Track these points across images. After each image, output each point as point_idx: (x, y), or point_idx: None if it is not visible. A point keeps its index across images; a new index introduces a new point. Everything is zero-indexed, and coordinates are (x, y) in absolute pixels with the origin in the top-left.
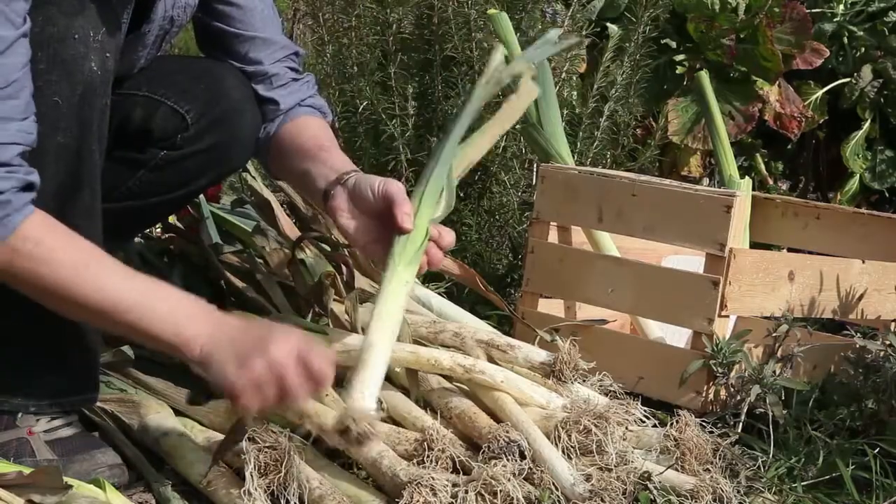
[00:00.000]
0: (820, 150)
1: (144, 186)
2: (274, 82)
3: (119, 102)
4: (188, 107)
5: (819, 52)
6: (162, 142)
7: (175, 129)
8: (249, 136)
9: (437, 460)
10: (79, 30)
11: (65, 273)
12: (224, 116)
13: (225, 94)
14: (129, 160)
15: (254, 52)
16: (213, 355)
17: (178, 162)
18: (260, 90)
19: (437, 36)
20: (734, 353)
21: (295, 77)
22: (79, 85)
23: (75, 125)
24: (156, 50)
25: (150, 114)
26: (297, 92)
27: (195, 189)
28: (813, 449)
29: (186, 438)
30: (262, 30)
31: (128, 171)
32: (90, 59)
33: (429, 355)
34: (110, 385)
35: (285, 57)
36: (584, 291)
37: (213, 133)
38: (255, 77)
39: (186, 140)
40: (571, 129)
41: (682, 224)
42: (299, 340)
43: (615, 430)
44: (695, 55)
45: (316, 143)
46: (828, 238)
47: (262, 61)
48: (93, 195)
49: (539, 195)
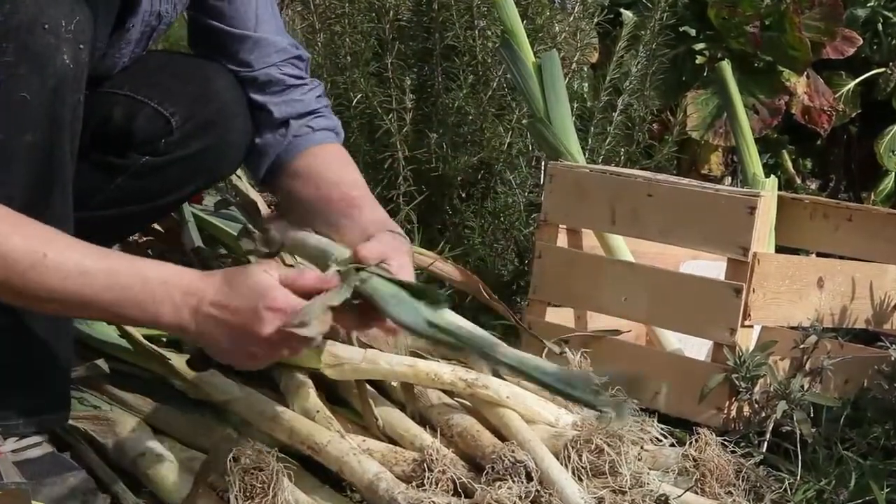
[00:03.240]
0: (852, 147)
1: (124, 194)
2: (266, 88)
3: (98, 101)
4: (173, 109)
5: (851, 39)
6: (144, 146)
7: (158, 132)
8: (240, 141)
9: (438, 482)
10: (50, 19)
11: (21, 265)
12: (212, 120)
13: (214, 96)
14: (108, 165)
15: (244, 52)
16: (202, 339)
17: (161, 168)
18: (251, 95)
19: (437, 23)
20: (758, 366)
21: (294, 83)
22: (50, 79)
23: (46, 123)
24: (141, 48)
25: (132, 115)
26: (295, 103)
27: (179, 198)
28: (844, 470)
29: (166, 458)
30: (254, 29)
31: (106, 176)
32: (62, 51)
33: (428, 369)
34: (83, 401)
35: (283, 61)
36: (596, 299)
37: (200, 138)
38: (245, 80)
39: (171, 145)
40: (582, 125)
41: (702, 227)
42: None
43: (629, 450)
44: (716, 44)
45: (341, 194)
46: (860, 241)
47: (251, 63)
48: (65, 199)
49: (547, 195)
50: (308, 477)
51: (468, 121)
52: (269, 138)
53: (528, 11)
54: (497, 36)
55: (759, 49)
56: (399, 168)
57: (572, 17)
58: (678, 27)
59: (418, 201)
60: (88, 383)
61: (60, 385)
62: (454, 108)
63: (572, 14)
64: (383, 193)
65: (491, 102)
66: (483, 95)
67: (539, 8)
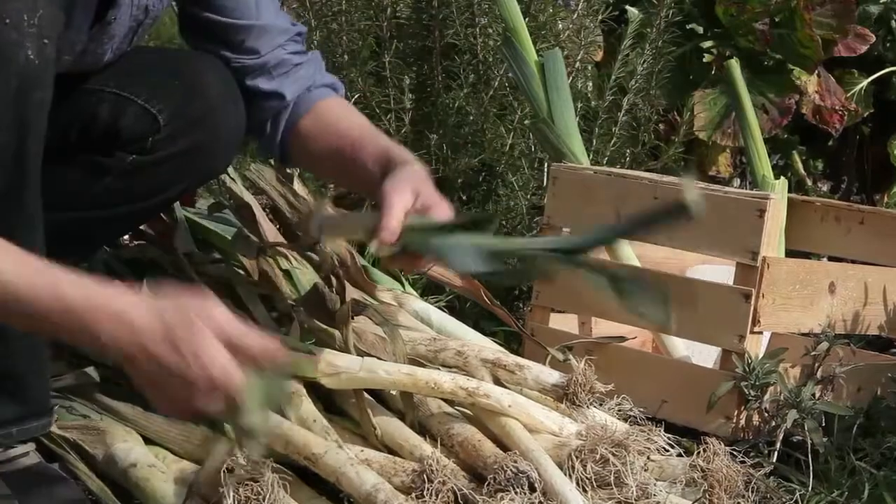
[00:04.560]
0: (864, 147)
1: (112, 194)
2: (275, 72)
3: (84, 99)
4: (160, 106)
5: (864, 37)
6: (131, 145)
7: (146, 130)
8: (232, 137)
9: (438, 493)
10: (11, 13)
11: None
12: (202, 116)
13: (203, 91)
14: (94, 165)
15: (251, 40)
16: (136, 375)
17: (149, 167)
18: (261, 84)
19: (437, 21)
20: (768, 373)
21: (298, 61)
22: (13, 77)
23: (11, 123)
24: (127, 44)
25: (118, 113)
26: (303, 79)
27: (170, 197)
28: (857, 481)
29: (157, 470)
30: (257, 16)
31: (92, 177)
32: (24, 46)
33: (427, 377)
34: (72, 411)
35: (287, 41)
36: (601, 305)
37: (189, 135)
38: (253, 70)
39: (159, 143)
40: (586, 125)
41: (710, 230)
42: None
43: (635, 460)
44: (724, 42)
45: (346, 140)
46: (873, 245)
47: (259, 50)
48: (34, 199)
49: (550, 198)
50: (305, 488)
51: (469, 121)
52: (281, 117)
53: (530, 8)
54: (498, 34)
55: (769, 47)
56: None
57: (576, 14)
58: (685, 24)
59: None
60: (78, 392)
61: (40, 392)
62: (454, 109)
63: (576, 11)
64: None
65: (492, 102)
66: (484, 95)
67: (542, 5)
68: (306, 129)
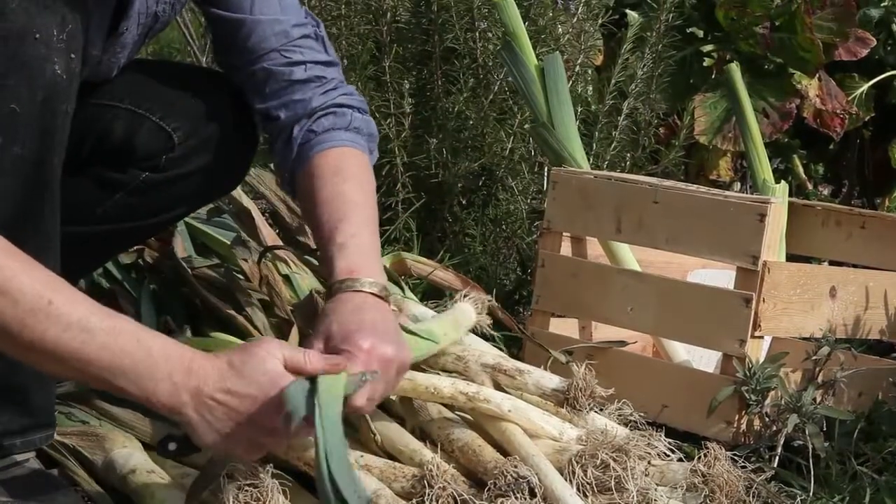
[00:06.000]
0: (865, 151)
1: (121, 210)
2: (265, 87)
3: (99, 114)
4: (175, 124)
5: (864, 40)
6: (144, 162)
7: (160, 148)
8: (242, 160)
9: (438, 499)
10: (41, 28)
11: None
12: (214, 137)
13: (217, 111)
14: (107, 180)
15: (242, 40)
16: (196, 425)
17: (161, 186)
18: (254, 104)
19: (437, 25)
20: (769, 378)
21: (299, 78)
22: (40, 90)
23: (36, 135)
24: (136, 50)
25: (133, 130)
26: (296, 104)
27: (178, 214)
28: (858, 486)
29: (157, 476)
30: (250, 10)
31: (104, 192)
32: (53, 61)
33: (427, 382)
34: (71, 417)
35: (289, 44)
36: (601, 310)
37: (201, 155)
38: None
39: (172, 162)
40: (586, 129)
41: (711, 234)
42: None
43: (636, 465)
44: (724, 45)
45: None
46: (874, 249)
47: (253, 51)
48: (53, 212)
49: (550, 202)
50: (304, 494)
51: (469, 125)
52: (278, 149)
53: (530, 13)
54: (498, 38)
55: (770, 51)
56: (398, 174)
57: (576, 18)
58: (685, 28)
59: (417, 208)
60: (77, 398)
61: (44, 403)
62: (454, 113)
63: (576, 15)
64: (381, 200)
65: (492, 106)
66: (484, 99)
67: (541, 9)
68: (300, 182)
